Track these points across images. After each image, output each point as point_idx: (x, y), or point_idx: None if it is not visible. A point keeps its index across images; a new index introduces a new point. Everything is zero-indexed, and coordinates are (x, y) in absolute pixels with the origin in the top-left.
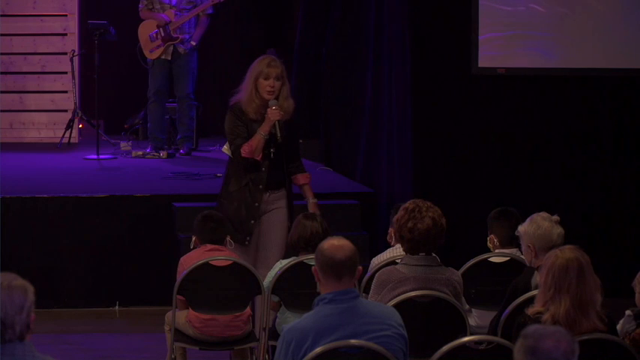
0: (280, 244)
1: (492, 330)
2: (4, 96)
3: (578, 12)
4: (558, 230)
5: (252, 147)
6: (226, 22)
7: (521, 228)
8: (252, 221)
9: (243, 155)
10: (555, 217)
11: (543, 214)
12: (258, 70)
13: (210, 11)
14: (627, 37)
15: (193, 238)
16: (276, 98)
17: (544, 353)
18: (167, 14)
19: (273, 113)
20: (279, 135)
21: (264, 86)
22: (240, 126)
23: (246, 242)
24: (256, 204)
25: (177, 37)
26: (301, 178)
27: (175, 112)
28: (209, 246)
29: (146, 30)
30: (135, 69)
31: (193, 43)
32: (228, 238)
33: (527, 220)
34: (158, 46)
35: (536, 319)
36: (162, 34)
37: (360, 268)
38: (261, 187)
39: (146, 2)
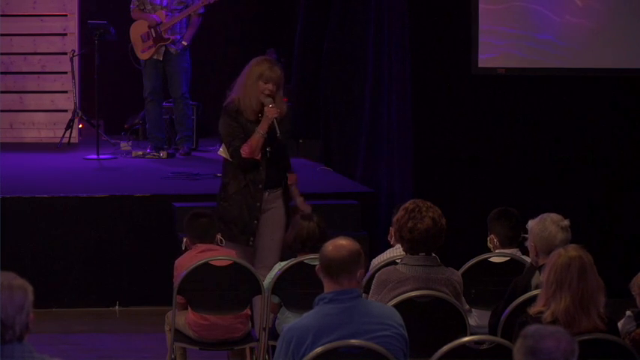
0: (278, 245)
1: (491, 329)
2: (4, 96)
3: (578, 12)
4: (563, 236)
5: (251, 147)
6: (226, 21)
7: (531, 223)
8: (256, 221)
9: (243, 156)
10: (565, 223)
11: (554, 216)
12: (259, 72)
13: (201, 11)
14: (627, 37)
15: (184, 239)
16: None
17: (544, 353)
18: (158, 15)
19: (271, 111)
20: (278, 131)
21: (262, 89)
22: (237, 127)
23: (250, 243)
24: (258, 204)
25: (169, 38)
26: (290, 178)
27: (173, 113)
28: (200, 246)
29: (137, 30)
30: (135, 69)
31: (185, 43)
32: (218, 236)
33: (538, 218)
34: (149, 47)
35: (538, 318)
36: (154, 35)
37: (362, 270)
38: (260, 186)
39: (137, 3)
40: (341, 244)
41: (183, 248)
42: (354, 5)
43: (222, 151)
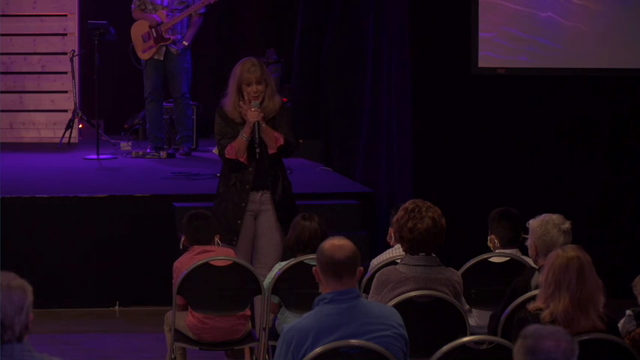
0: (276, 245)
1: (491, 330)
2: (4, 96)
3: (577, 12)
4: (564, 240)
5: (234, 148)
6: (226, 21)
7: (533, 223)
8: (239, 221)
9: (227, 157)
10: (566, 226)
11: (556, 218)
12: (239, 77)
13: (202, 11)
14: (627, 37)
15: (182, 238)
16: (262, 100)
17: (544, 353)
18: (159, 15)
19: (252, 115)
20: (257, 136)
21: (248, 92)
22: (227, 127)
23: (234, 242)
24: (243, 204)
25: (169, 39)
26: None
27: (173, 113)
28: (197, 248)
29: (138, 30)
30: (135, 69)
31: (185, 43)
32: (216, 238)
33: (540, 218)
34: (150, 47)
35: (537, 314)
36: (155, 35)
37: (361, 268)
38: (247, 187)
39: (138, 3)
40: (341, 245)
41: (180, 247)
42: (354, 5)
43: (216, 151)
